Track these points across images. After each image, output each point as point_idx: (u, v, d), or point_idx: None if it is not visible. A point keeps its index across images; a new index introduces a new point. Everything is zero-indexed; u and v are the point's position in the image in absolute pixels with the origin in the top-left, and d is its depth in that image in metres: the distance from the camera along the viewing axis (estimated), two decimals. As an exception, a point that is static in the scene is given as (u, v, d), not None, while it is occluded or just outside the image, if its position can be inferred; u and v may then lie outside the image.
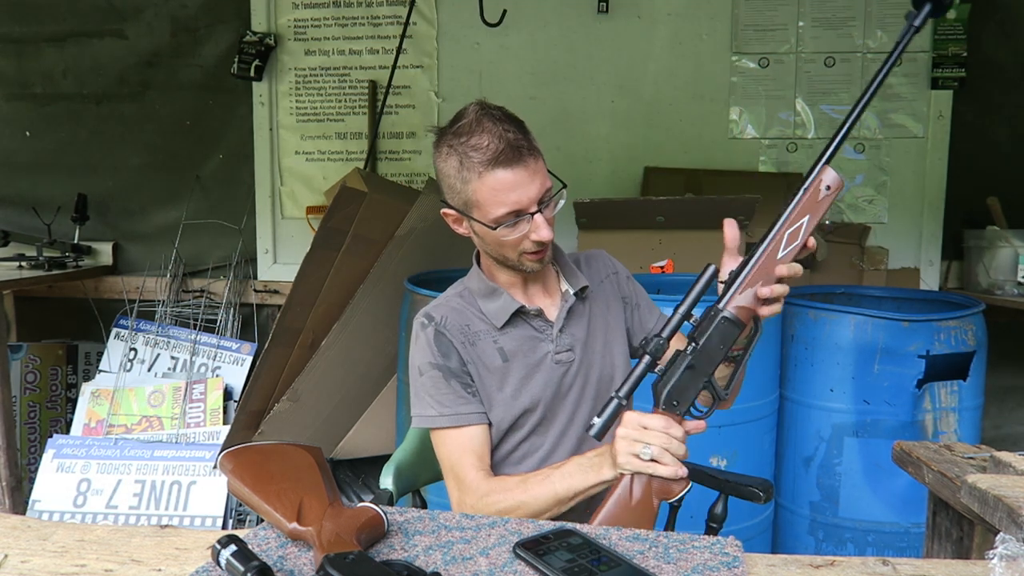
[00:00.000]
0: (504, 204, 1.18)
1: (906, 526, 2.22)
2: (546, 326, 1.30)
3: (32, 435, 3.17)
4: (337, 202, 2.47)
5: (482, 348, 1.28)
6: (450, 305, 1.31)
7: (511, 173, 1.17)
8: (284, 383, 2.59)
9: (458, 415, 1.24)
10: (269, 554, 0.83)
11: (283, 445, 1.03)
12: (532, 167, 1.18)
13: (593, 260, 1.41)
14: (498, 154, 1.16)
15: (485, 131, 1.18)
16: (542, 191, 1.20)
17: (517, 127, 1.20)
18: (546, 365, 1.29)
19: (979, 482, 0.99)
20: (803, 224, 1.06)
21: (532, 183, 1.18)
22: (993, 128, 2.99)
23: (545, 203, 1.20)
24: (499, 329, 1.28)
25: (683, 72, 3.07)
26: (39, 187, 3.35)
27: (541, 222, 1.19)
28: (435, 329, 1.27)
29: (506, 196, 1.18)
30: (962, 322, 2.24)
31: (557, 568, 0.80)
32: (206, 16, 3.21)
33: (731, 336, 1.06)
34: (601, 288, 1.38)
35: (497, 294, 1.30)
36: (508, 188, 1.17)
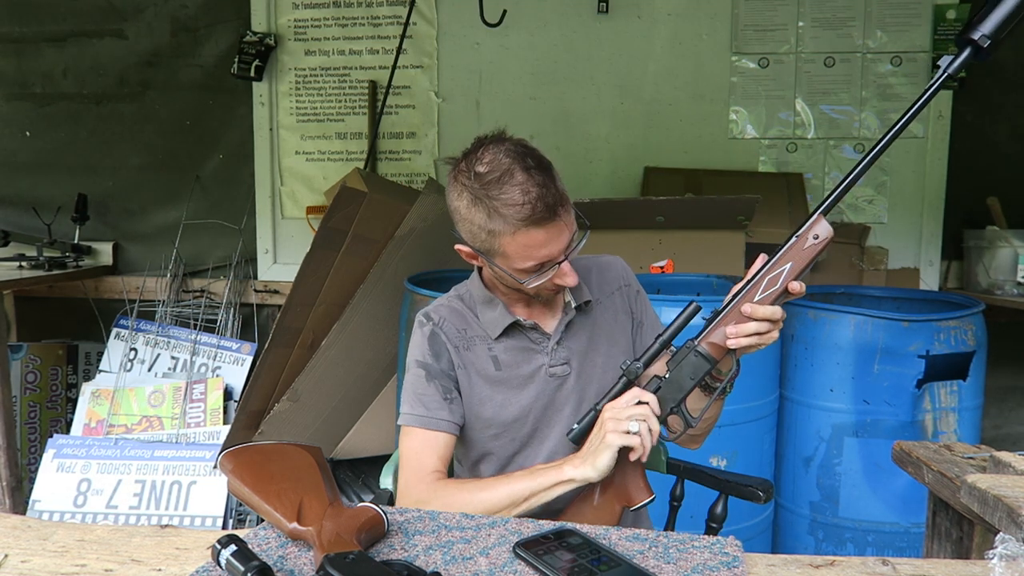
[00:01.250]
0: (534, 258, 1.15)
1: (906, 526, 2.22)
2: (542, 338, 1.29)
3: (32, 435, 3.17)
4: (337, 202, 2.47)
5: (477, 353, 1.27)
6: (451, 306, 1.31)
7: (544, 232, 1.12)
8: (284, 383, 2.59)
9: (428, 418, 1.23)
10: (269, 554, 0.84)
11: (283, 445, 1.02)
12: (563, 220, 1.14)
13: (607, 270, 1.38)
14: (533, 214, 1.10)
15: (517, 185, 1.10)
16: (570, 238, 1.17)
17: (546, 174, 1.13)
18: (540, 378, 1.28)
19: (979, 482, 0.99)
20: (784, 271, 1.08)
21: (562, 236, 1.15)
22: (993, 128, 2.99)
23: (571, 248, 1.18)
24: (494, 339, 1.27)
25: (683, 72, 3.07)
26: (39, 187, 3.35)
27: (568, 270, 1.18)
28: (431, 329, 1.28)
29: (536, 252, 1.14)
30: (962, 322, 2.24)
31: (557, 568, 0.80)
32: (206, 16, 3.21)
33: (701, 369, 1.12)
34: (611, 300, 1.35)
35: (494, 304, 1.29)
36: (540, 245, 1.14)
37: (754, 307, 1.08)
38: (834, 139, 3.05)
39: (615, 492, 1.15)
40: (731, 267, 2.66)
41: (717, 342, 1.11)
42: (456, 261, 2.77)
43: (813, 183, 3.05)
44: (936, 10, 2.93)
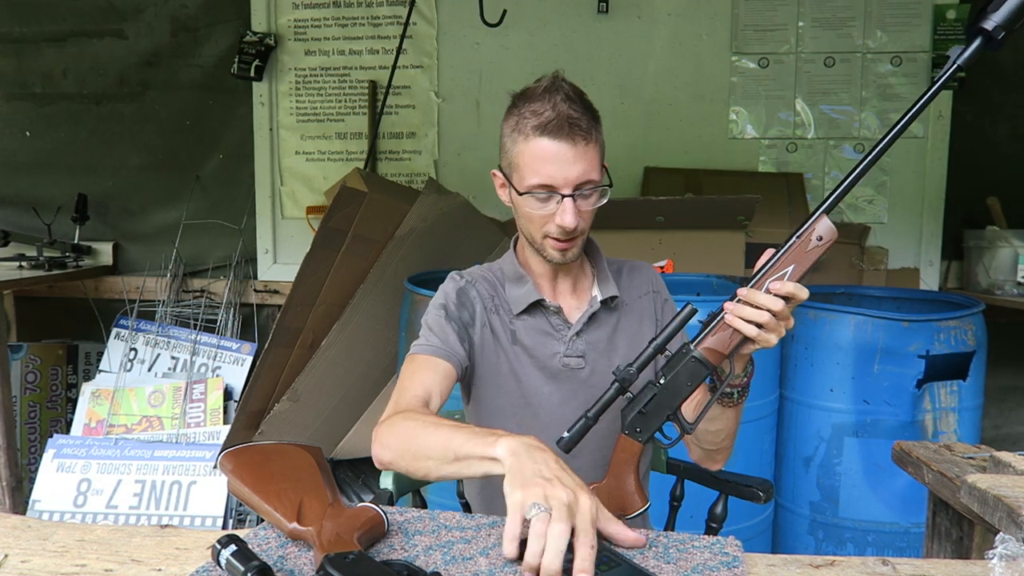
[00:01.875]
0: (539, 174, 1.15)
1: (906, 526, 2.22)
2: (563, 326, 1.27)
3: (32, 435, 3.17)
4: (337, 202, 2.47)
5: (499, 320, 1.28)
6: (481, 274, 1.32)
7: (554, 145, 1.14)
8: (284, 383, 2.59)
9: (435, 348, 1.21)
10: (269, 554, 0.84)
11: (283, 445, 1.02)
12: (580, 149, 1.14)
13: (636, 273, 1.37)
14: (548, 123, 1.13)
15: (547, 99, 1.15)
16: (583, 178, 1.16)
17: (583, 109, 1.16)
18: (553, 365, 1.27)
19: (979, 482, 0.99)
20: (787, 273, 1.04)
21: (573, 164, 1.14)
22: (993, 128, 2.99)
23: (583, 192, 1.17)
24: (516, 316, 1.27)
25: (683, 72, 3.07)
26: (39, 187, 3.35)
27: (568, 206, 1.15)
28: (464, 284, 1.29)
29: (543, 166, 1.15)
30: (962, 322, 2.24)
31: None
32: (206, 16, 3.21)
33: (699, 374, 1.07)
34: (638, 303, 1.34)
35: (523, 281, 1.28)
36: (547, 159, 1.14)
37: (751, 292, 1.03)
38: (834, 139, 3.05)
39: (610, 500, 1.14)
40: (731, 267, 2.66)
41: (715, 347, 1.07)
42: (456, 261, 2.78)
43: (813, 183, 3.05)
44: (936, 10, 2.93)
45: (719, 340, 1.07)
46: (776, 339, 1.05)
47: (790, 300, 1.04)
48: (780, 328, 1.05)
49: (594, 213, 1.23)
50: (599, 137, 1.19)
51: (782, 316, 1.04)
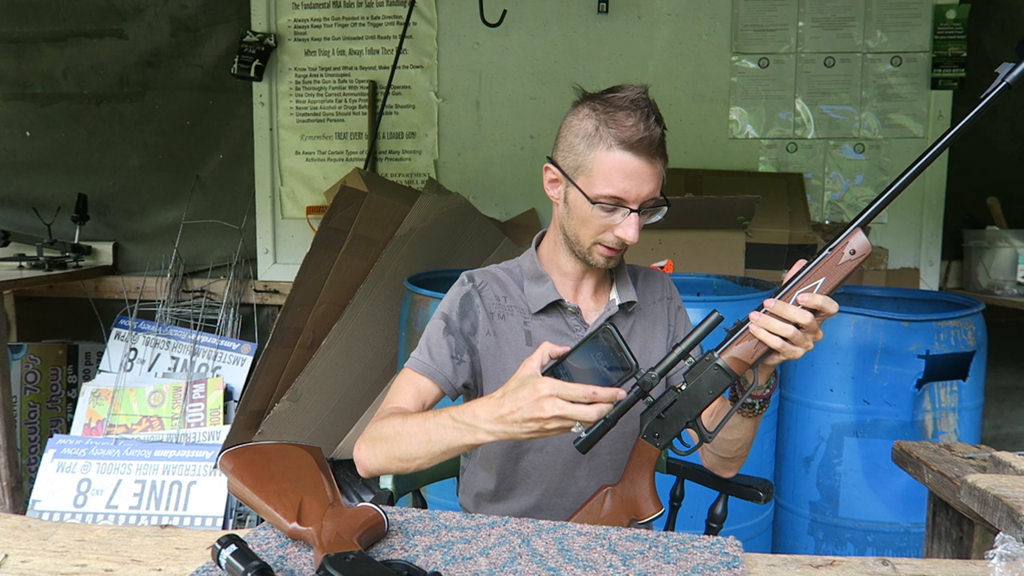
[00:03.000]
0: (613, 186, 1.15)
1: (906, 526, 2.22)
2: (580, 326, 1.27)
3: (32, 435, 3.17)
4: (337, 202, 2.47)
5: (510, 324, 1.27)
6: (495, 274, 1.31)
7: (637, 162, 1.14)
8: (284, 383, 2.59)
9: (428, 366, 1.22)
10: (269, 554, 0.84)
11: (283, 445, 1.03)
12: (656, 169, 1.17)
13: (651, 279, 1.37)
14: (638, 139, 1.14)
15: (638, 113, 1.15)
16: (652, 195, 1.17)
17: (662, 130, 1.17)
18: None
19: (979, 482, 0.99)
20: (817, 285, 1.03)
21: (647, 183, 1.16)
22: (993, 128, 2.99)
23: (645, 209, 1.18)
24: (533, 314, 1.27)
25: (683, 72, 3.07)
26: (39, 187, 3.35)
27: (633, 221, 1.16)
28: (469, 290, 1.28)
29: (620, 180, 1.15)
30: (962, 322, 2.24)
31: None
32: (206, 16, 3.21)
33: (721, 383, 1.05)
34: (652, 309, 1.34)
35: (543, 281, 1.28)
36: (626, 175, 1.15)
37: (779, 303, 1.02)
38: (834, 139, 3.05)
39: (624, 504, 1.13)
40: (731, 267, 2.66)
41: (739, 356, 1.05)
42: (456, 261, 2.78)
43: (813, 183, 3.06)
44: (936, 10, 2.93)
45: (744, 350, 1.05)
46: (802, 352, 1.04)
47: (819, 313, 1.02)
48: (807, 341, 1.03)
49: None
50: (666, 157, 1.20)
51: (809, 329, 1.02)
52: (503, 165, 3.15)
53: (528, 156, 3.12)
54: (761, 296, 2.20)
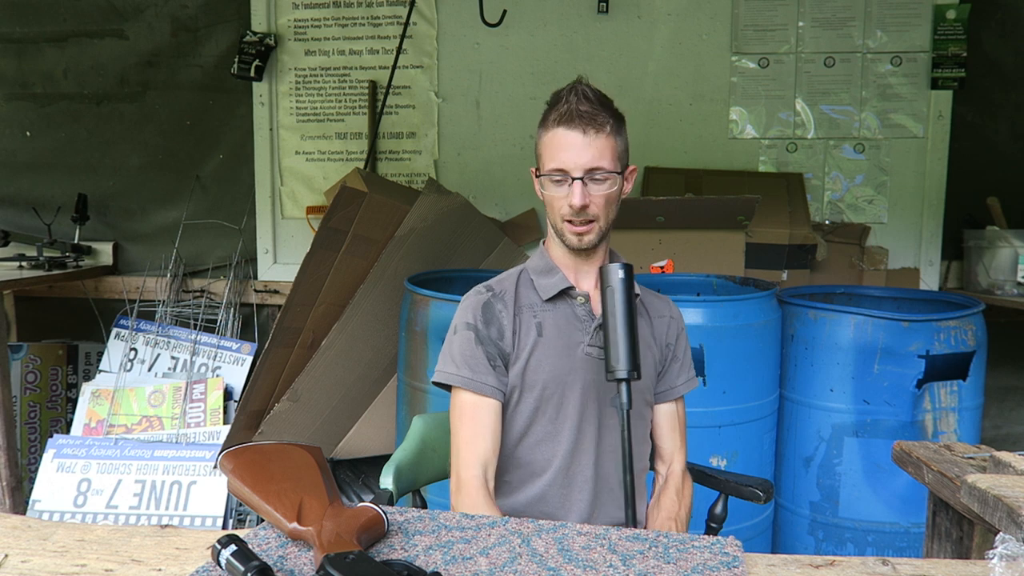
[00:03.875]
0: (554, 160, 1.27)
1: (906, 526, 2.22)
2: (588, 317, 1.33)
3: (32, 435, 3.17)
4: (337, 202, 2.47)
5: (524, 320, 1.32)
6: (505, 280, 1.38)
7: (568, 133, 1.25)
8: (284, 383, 2.59)
9: (476, 382, 1.28)
10: (269, 554, 0.84)
11: (283, 445, 1.03)
12: (590, 138, 1.25)
13: (657, 298, 1.44)
14: (564, 115, 1.26)
15: (571, 95, 1.27)
16: (592, 163, 1.25)
17: (599, 107, 1.27)
18: (577, 355, 1.31)
19: (979, 482, 0.99)
20: None
21: (584, 150, 1.25)
22: (993, 128, 2.99)
23: (594, 177, 1.25)
24: (543, 303, 1.32)
25: (683, 72, 3.07)
26: (39, 187, 3.35)
27: (576, 188, 1.24)
28: (488, 298, 1.33)
29: (557, 152, 1.26)
30: (962, 322, 2.24)
31: None
32: (206, 16, 3.21)
33: None
34: (660, 322, 1.40)
35: (553, 272, 1.34)
36: (561, 146, 1.26)
37: None
38: (834, 139, 3.05)
39: None
40: (731, 267, 2.66)
41: None
42: (456, 261, 2.78)
43: (813, 183, 3.06)
44: (936, 10, 2.93)
45: None
46: None
47: None
48: None
49: (611, 202, 1.29)
50: (616, 134, 1.28)
51: None
52: (503, 165, 3.15)
53: (528, 156, 3.10)
54: (761, 296, 2.20)
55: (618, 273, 1.21)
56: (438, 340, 2.18)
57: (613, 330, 1.19)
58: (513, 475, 1.34)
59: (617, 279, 1.21)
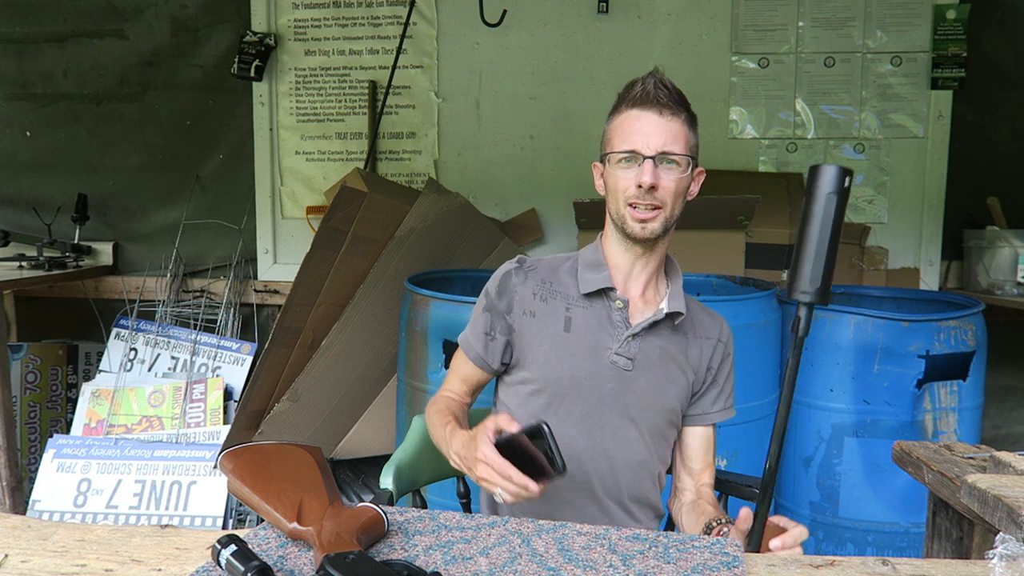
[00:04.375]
0: (625, 141, 1.23)
1: (906, 526, 2.22)
2: (623, 324, 1.27)
3: (32, 435, 3.17)
4: (337, 202, 2.47)
5: (552, 307, 1.29)
6: (550, 262, 1.36)
7: (642, 114, 1.22)
8: (284, 383, 2.59)
9: (468, 343, 1.34)
10: (269, 554, 0.84)
11: (283, 445, 1.03)
12: (665, 121, 1.22)
13: (712, 320, 1.36)
14: (639, 96, 1.23)
15: (643, 81, 1.24)
16: (665, 147, 1.21)
17: (675, 95, 1.24)
18: (602, 360, 1.26)
19: (979, 482, 0.99)
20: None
21: (658, 133, 1.21)
22: (993, 128, 2.99)
23: (668, 159, 1.22)
24: (580, 297, 1.29)
25: (683, 72, 3.06)
26: (39, 187, 3.35)
27: (647, 167, 1.20)
28: (510, 269, 1.33)
29: (630, 134, 1.22)
30: (962, 322, 2.24)
31: None
32: (206, 16, 3.21)
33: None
34: (702, 343, 1.33)
35: (600, 268, 1.30)
36: (634, 128, 1.22)
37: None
38: (834, 139, 3.05)
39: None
40: (731, 267, 2.66)
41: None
42: (456, 261, 2.78)
43: (813, 183, 3.05)
44: (936, 10, 2.93)
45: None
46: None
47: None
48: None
49: (679, 193, 1.25)
50: (690, 127, 1.26)
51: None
52: (503, 165, 3.15)
53: (528, 156, 3.12)
54: (761, 296, 2.20)
55: (834, 178, 0.97)
56: (438, 340, 2.18)
57: (809, 242, 0.98)
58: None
59: (830, 186, 0.97)
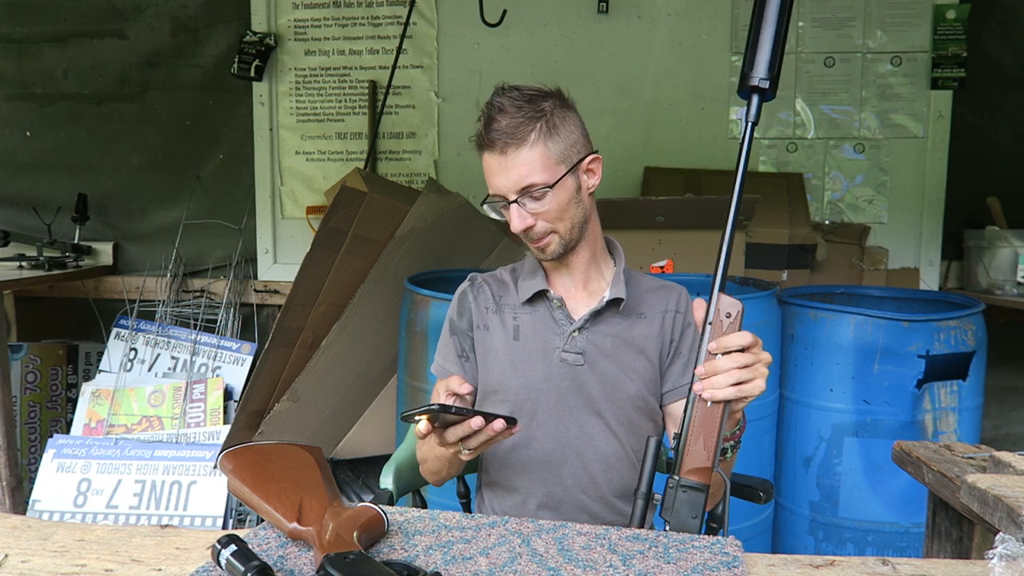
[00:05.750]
0: (491, 186, 1.21)
1: (906, 526, 2.23)
2: (565, 321, 1.27)
3: (32, 435, 3.17)
4: (337, 202, 2.47)
5: (503, 319, 1.30)
6: (498, 274, 1.36)
7: (489, 158, 1.19)
8: (284, 383, 2.59)
9: (442, 369, 1.33)
10: (269, 554, 0.84)
11: (283, 445, 1.03)
12: (510, 157, 1.16)
13: (667, 291, 1.32)
14: (481, 139, 1.19)
15: (484, 118, 1.18)
16: (520, 183, 1.16)
17: (517, 116, 1.16)
18: (552, 360, 1.26)
19: (979, 482, 0.99)
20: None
21: (505, 174, 1.17)
22: (993, 128, 2.99)
23: (531, 194, 1.17)
24: (522, 305, 1.29)
25: (683, 72, 3.07)
26: (39, 187, 3.35)
27: (512, 212, 1.18)
28: (464, 288, 1.34)
29: (489, 178, 1.20)
30: (962, 322, 2.24)
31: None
32: (206, 16, 3.21)
33: (698, 501, 0.96)
34: (656, 317, 1.29)
35: (536, 274, 1.30)
36: (488, 172, 1.20)
37: (710, 364, 0.96)
38: (834, 139, 3.05)
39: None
40: (731, 267, 2.65)
41: (699, 465, 0.97)
42: (456, 261, 2.78)
43: (813, 183, 3.06)
44: (936, 10, 2.93)
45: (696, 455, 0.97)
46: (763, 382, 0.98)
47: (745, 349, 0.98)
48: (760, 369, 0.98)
49: (564, 209, 1.20)
50: (548, 138, 1.17)
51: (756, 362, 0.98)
52: (503, 165, 3.14)
53: (528, 156, 3.11)
54: (761, 296, 2.20)
55: None
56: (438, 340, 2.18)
57: (756, 32, 0.99)
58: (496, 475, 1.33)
59: None
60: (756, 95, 1.02)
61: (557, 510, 1.28)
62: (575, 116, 1.23)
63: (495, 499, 1.34)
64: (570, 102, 1.24)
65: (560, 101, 1.21)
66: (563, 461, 1.27)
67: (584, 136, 1.24)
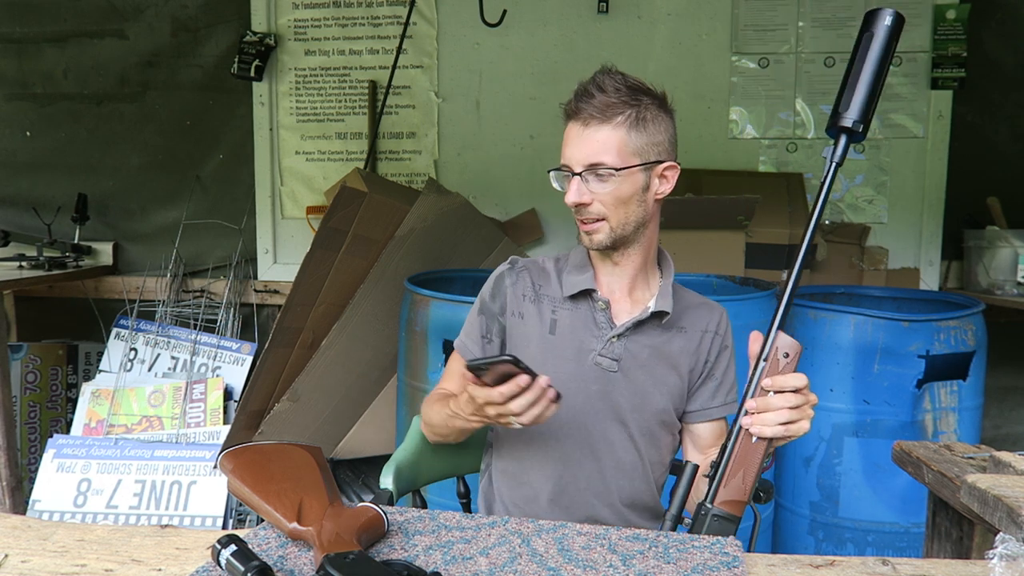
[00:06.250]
0: (563, 155, 1.21)
1: (906, 526, 2.23)
2: (607, 325, 1.25)
3: (32, 435, 3.17)
4: (337, 202, 2.47)
5: (540, 309, 1.28)
6: (539, 264, 1.34)
7: (571, 127, 1.20)
8: (284, 383, 2.59)
9: (463, 346, 1.33)
10: (269, 554, 0.84)
11: (283, 445, 1.03)
12: (591, 132, 1.17)
13: (708, 309, 1.33)
14: (570, 107, 1.20)
15: (577, 90, 1.20)
16: (590, 159, 1.17)
17: (614, 96, 1.17)
18: (585, 361, 1.25)
19: (979, 482, 0.99)
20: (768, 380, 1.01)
21: (581, 147, 1.18)
22: (993, 128, 2.99)
23: (597, 173, 1.18)
24: (564, 299, 1.28)
25: (683, 72, 3.07)
26: (39, 187, 3.35)
27: (573, 184, 1.19)
28: (502, 271, 1.33)
29: (564, 147, 1.21)
30: (962, 322, 2.24)
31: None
32: (206, 16, 3.21)
33: (728, 532, 0.98)
34: (695, 335, 1.30)
35: (584, 270, 1.29)
36: (567, 143, 1.21)
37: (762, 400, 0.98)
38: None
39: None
40: (731, 267, 2.66)
41: (734, 497, 0.98)
42: (456, 261, 2.78)
43: (813, 183, 3.05)
44: (936, 10, 2.93)
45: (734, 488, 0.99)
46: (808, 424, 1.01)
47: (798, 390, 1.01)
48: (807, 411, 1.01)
49: (623, 201, 1.19)
50: (633, 127, 1.18)
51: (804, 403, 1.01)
52: (503, 165, 3.15)
53: (528, 156, 3.12)
54: (761, 296, 2.20)
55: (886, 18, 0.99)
56: (438, 340, 2.18)
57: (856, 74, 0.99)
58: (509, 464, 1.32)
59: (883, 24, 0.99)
60: (845, 135, 1.01)
61: (567, 509, 1.27)
62: (669, 121, 1.23)
63: (505, 487, 1.33)
64: (670, 108, 1.24)
65: (659, 102, 1.22)
66: (580, 464, 1.27)
67: (670, 143, 1.23)
